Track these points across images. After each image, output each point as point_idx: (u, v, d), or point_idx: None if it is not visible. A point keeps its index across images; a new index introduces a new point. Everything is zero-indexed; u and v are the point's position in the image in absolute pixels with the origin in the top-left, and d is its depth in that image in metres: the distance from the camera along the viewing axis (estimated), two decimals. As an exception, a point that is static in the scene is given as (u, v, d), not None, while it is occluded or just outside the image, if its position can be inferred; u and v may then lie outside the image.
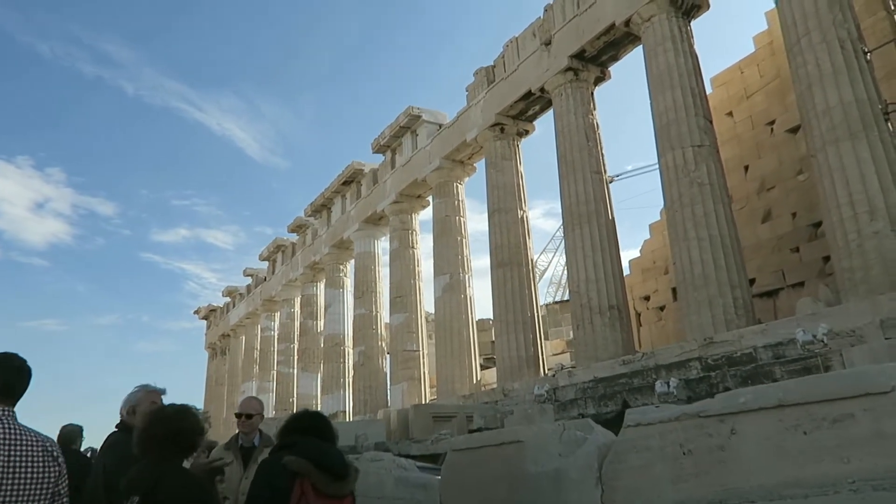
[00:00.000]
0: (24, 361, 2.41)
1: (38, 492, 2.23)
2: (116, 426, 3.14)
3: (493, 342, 27.61)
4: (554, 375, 14.04)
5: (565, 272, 43.87)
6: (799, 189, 13.74)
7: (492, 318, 27.97)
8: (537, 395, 12.51)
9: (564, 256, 15.30)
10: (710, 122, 12.39)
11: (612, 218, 14.15)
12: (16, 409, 2.36)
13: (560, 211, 14.31)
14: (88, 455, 8.34)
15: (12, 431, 2.24)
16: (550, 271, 37.19)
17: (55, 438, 5.62)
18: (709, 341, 10.74)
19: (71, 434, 5.50)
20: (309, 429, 2.69)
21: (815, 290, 12.49)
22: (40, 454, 2.27)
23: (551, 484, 3.12)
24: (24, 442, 2.26)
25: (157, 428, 2.29)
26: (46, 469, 2.27)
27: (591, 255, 13.60)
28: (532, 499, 3.20)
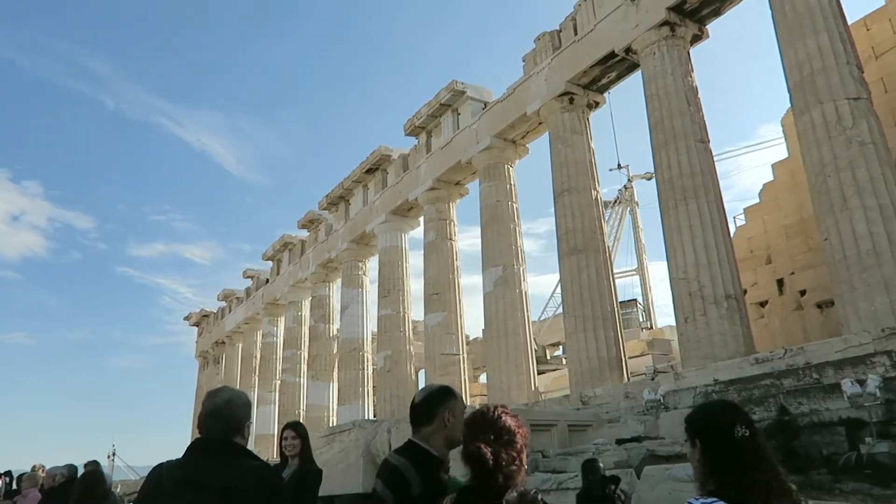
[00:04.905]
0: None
1: None
2: None
3: (542, 345, 25.24)
4: (653, 378, 11.76)
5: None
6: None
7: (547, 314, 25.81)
8: (648, 400, 10.21)
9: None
10: (863, 72, 10.34)
11: (720, 193, 12.01)
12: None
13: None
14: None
15: None
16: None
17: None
18: (890, 332, 8.56)
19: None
20: None
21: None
22: None
23: None
24: None
25: None
26: None
27: (701, 236, 11.43)
28: None
